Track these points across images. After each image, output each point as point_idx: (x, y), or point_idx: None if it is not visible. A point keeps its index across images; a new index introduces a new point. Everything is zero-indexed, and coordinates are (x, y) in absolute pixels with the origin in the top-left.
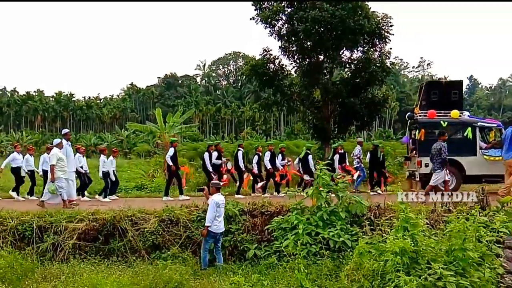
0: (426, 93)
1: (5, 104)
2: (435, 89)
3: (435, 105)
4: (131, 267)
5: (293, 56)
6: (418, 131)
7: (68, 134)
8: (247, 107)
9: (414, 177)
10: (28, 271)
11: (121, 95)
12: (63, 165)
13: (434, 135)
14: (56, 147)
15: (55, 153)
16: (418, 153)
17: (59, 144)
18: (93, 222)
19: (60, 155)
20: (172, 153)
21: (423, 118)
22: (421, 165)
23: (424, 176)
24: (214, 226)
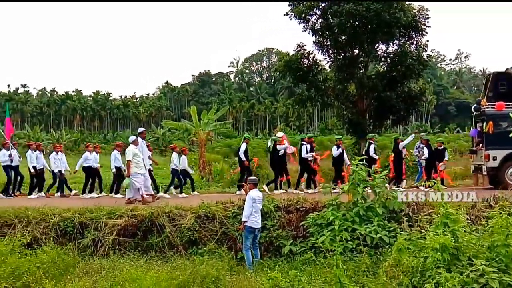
0: (493, 84)
1: (45, 104)
2: (503, 80)
3: (504, 97)
4: (169, 262)
5: (327, 51)
6: (485, 123)
7: (144, 132)
8: (280, 103)
9: (481, 171)
10: (70, 266)
11: (156, 94)
12: (139, 161)
13: (502, 127)
14: (132, 144)
15: (131, 150)
16: (485, 146)
17: (135, 141)
18: (132, 218)
19: (136, 151)
20: (244, 148)
21: (491, 110)
22: (488, 159)
23: (491, 170)
24: (252, 221)
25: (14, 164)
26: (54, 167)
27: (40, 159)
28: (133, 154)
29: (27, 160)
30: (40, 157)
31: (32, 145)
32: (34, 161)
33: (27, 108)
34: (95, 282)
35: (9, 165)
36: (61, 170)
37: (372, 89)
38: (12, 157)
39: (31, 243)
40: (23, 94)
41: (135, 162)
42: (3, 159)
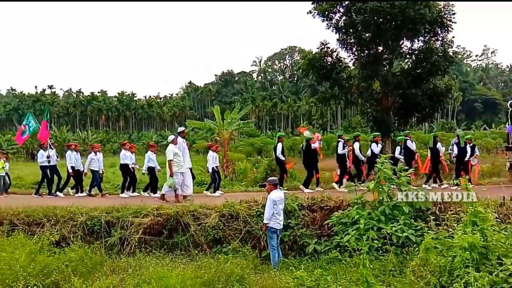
0: None
1: (71, 104)
2: None
3: None
4: (194, 261)
5: (351, 48)
6: None
7: (184, 131)
8: (303, 101)
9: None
10: (97, 264)
11: (180, 94)
12: (179, 160)
13: None
14: (171, 143)
15: (171, 149)
16: None
17: (174, 140)
18: (157, 217)
19: (176, 150)
20: (281, 148)
21: None
22: None
23: None
24: (274, 222)
25: (51, 164)
26: (93, 166)
27: (78, 160)
28: (174, 153)
29: (66, 161)
30: (78, 158)
31: (71, 146)
32: (73, 162)
33: (53, 109)
34: (122, 280)
35: (47, 165)
36: (98, 170)
37: (396, 86)
38: (50, 158)
39: (59, 242)
40: (50, 95)
41: (175, 162)
42: (41, 159)
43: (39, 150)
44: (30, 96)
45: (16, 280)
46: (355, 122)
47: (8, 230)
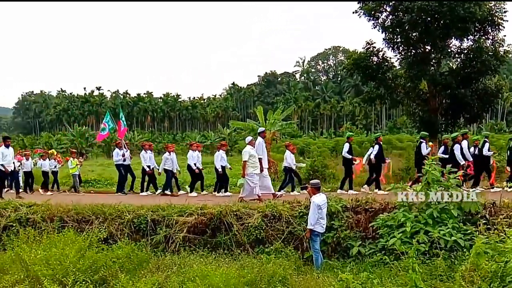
0: None
1: (119, 105)
2: None
3: None
4: (237, 260)
5: (397, 48)
6: None
7: (264, 132)
8: (347, 101)
9: None
10: (143, 261)
11: (223, 95)
12: (255, 161)
13: None
14: (248, 144)
15: (248, 150)
16: None
17: (251, 141)
18: (201, 216)
19: (252, 152)
20: (348, 148)
21: None
22: None
23: None
24: (317, 226)
25: (126, 163)
26: (167, 166)
27: (152, 159)
28: (249, 155)
29: (140, 160)
30: (152, 157)
31: (146, 145)
32: (148, 161)
33: (101, 110)
34: (167, 278)
35: (122, 164)
36: (172, 169)
37: (445, 86)
38: (125, 157)
39: (107, 239)
40: (98, 96)
41: (251, 163)
42: (117, 157)
43: (115, 149)
44: (79, 97)
45: (66, 275)
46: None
47: (58, 227)
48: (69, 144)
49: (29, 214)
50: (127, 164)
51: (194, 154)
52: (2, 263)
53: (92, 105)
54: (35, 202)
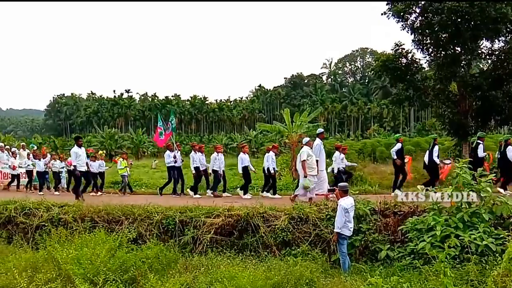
0: None
1: (147, 108)
2: None
3: None
4: (263, 262)
5: (427, 49)
6: None
7: (323, 133)
8: (374, 103)
9: None
10: (171, 261)
11: (249, 97)
12: (311, 162)
13: None
14: (306, 145)
15: (305, 151)
16: None
17: (308, 142)
18: (228, 218)
19: (310, 152)
20: (398, 148)
21: None
22: None
23: None
24: (345, 229)
25: (177, 165)
26: (215, 167)
27: (203, 160)
28: (307, 155)
29: (190, 161)
30: (202, 158)
31: (196, 147)
32: (197, 162)
33: (130, 112)
34: (195, 278)
35: (173, 165)
36: (219, 170)
37: (475, 88)
38: (176, 159)
39: (136, 239)
40: (127, 99)
41: (308, 164)
42: (168, 160)
43: (166, 151)
44: (109, 100)
45: (97, 274)
46: (429, 124)
47: (89, 227)
48: (99, 146)
49: (61, 214)
50: (179, 166)
51: (245, 156)
52: (35, 262)
53: (121, 108)
54: (66, 203)
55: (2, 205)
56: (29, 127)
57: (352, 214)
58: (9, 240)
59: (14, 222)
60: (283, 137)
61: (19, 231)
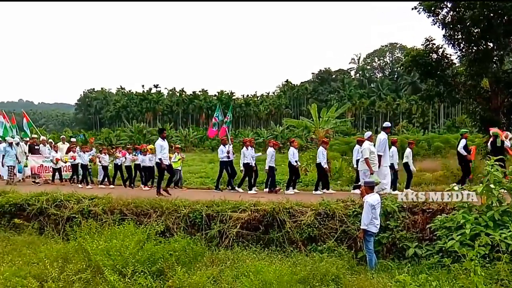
0: None
1: (175, 103)
2: None
3: None
4: (289, 257)
5: (458, 44)
6: None
7: (389, 127)
8: (403, 99)
9: None
10: (198, 255)
11: (276, 92)
12: (373, 157)
13: None
14: (367, 140)
15: (367, 147)
16: None
17: (370, 137)
18: (254, 213)
19: (372, 148)
20: (464, 144)
21: None
22: None
23: None
24: (371, 226)
25: (230, 159)
26: (272, 163)
27: (253, 156)
28: (369, 151)
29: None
30: (253, 154)
31: (247, 142)
32: (248, 158)
33: (158, 107)
34: (221, 272)
35: (226, 160)
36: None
37: (507, 84)
38: (229, 154)
39: (164, 232)
40: (155, 94)
41: (370, 159)
42: (222, 155)
43: (220, 146)
44: (138, 95)
45: (126, 265)
46: (459, 121)
47: (118, 219)
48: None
49: (91, 206)
50: (231, 160)
51: (295, 151)
52: (66, 253)
53: (149, 102)
54: (96, 195)
55: (34, 196)
56: (60, 121)
57: (379, 210)
58: (40, 231)
59: (45, 213)
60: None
61: (50, 222)
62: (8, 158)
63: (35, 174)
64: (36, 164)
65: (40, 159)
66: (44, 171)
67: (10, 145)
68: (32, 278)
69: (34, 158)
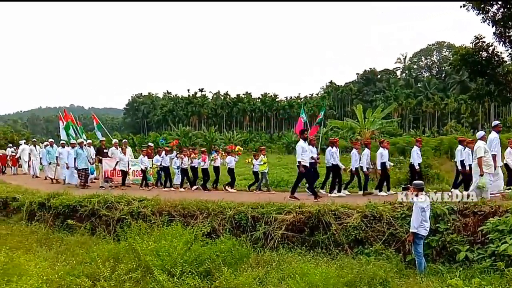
0: None
1: (219, 106)
2: None
3: None
4: (335, 260)
5: (510, 42)
6: None
7: (499, 125)
8: (451, 98)
9: None
10: (244, 256)
11: (320, 94)
12: (488, 158)
13: None
14: (480, 140)
15: (481, 146)
16: None
17: (483, 136)
18: (299, 215)
19: (486, 148)
20: None
21: None
22: None
23: None
24: (421, 229)
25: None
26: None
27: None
28: (484, 150)
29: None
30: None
31: (334, 142)
32: (334, 159)
33: (203, 110)
34: (266, 273)
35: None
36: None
37: None
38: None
39: (210, 233)
40: (200, 97)
41: (484, 160)
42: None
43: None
44: (184, 99)
45: (174, 266)
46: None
47: (167, 221)
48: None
49: (140, 208)
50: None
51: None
52: (117, 253)
53: (195, 106)
54: (145, 197)
55: (86, 198)
56: (109, 125)
57: (429, 213)
58: (92, 232)
59: (97, 214)
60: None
61: (101, 223)
62: (80, 161)
63: (108, 178)
64: (110, 168)
65: (112, 162)
66: (117, 175)
67: (81, 147)
68: (85, 277)
69: (107, 161)
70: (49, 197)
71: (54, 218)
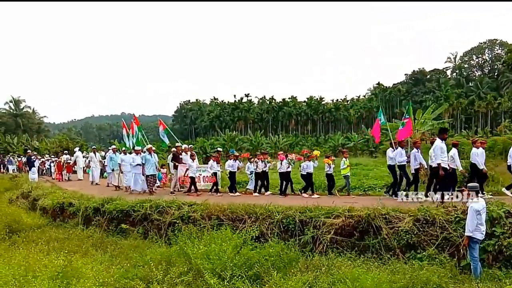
0: None
1: (265, 111)
2: None
3: None
4: (386, 265)
5: None
6: None
7: None
8: (505, 97)
9: None
10: (292, 260)
11: (367, 95)
12: None
13: None
14: None
15: None
16: None
17: None
18: (349, 219)
19: None
20: None
21: None
22: None
23: None
24: (476, 233)
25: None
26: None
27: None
28: None
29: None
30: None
31: (418, 143)
32: (420, 160)
33: (249, 115)
34: (316, 278)
35: (404, 164)
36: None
37: None
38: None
39: (258, 237)
40: (246, 103)
41: None
42: (401, 158)
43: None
44: (230, 104)
45: (224, 269)
46: None
47: (216, 225)
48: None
49: (190, 212)
50: (402, 165)
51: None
52: (169, 256)
53: (241, 111)
54: (195, 202)
55: (138, 203)
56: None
57: (484, 216)
58: (145, 236)
59: (149, 219)
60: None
61: (153, 227)
62: (148, 167)
63: (180, 184)
64: (183, 174)
65: (185, 168)
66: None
67: (150, 153)
68: (139, 280)
69: (182, 167)
70: (103, 202)
71: (108, 222)
